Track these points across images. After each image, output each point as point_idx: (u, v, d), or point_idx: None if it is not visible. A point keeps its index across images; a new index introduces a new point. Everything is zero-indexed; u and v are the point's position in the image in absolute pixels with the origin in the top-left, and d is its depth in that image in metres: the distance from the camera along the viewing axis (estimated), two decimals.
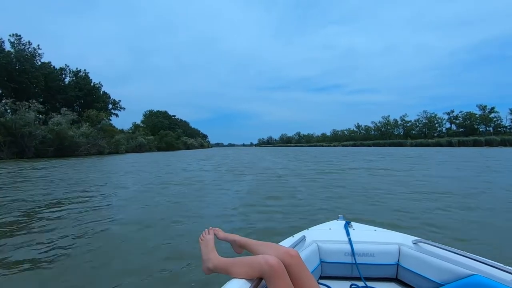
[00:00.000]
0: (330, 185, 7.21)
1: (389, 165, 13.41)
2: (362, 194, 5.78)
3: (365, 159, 18.66)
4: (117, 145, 40.63)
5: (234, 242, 1.37)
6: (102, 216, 4.33)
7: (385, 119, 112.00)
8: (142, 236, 3.36)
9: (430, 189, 6.36)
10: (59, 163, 18.70)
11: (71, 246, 3.05)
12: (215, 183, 8.11)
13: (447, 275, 1.30)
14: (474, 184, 7.06)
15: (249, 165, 14.95)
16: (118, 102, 70.60)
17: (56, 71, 51.75)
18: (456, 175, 9.09)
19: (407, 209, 4.46)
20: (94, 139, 36.14)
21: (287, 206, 4.82)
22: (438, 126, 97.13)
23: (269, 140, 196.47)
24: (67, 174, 11.01)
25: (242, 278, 1.07)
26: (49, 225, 3.86)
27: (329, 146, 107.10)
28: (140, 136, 52.27)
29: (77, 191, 6.71)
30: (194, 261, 2.51)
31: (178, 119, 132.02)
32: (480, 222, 3.73)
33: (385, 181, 7.89)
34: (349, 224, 1.76)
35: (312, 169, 12.07)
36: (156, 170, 12.75)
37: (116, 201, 5.53)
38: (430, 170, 11.02)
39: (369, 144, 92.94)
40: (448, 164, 13.85)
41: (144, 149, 52.11)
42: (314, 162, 16.59)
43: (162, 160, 22.84)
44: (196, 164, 16.69)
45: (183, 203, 5.24)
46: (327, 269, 1.57)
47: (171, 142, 66.56)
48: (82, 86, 52.91)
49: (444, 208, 4.50)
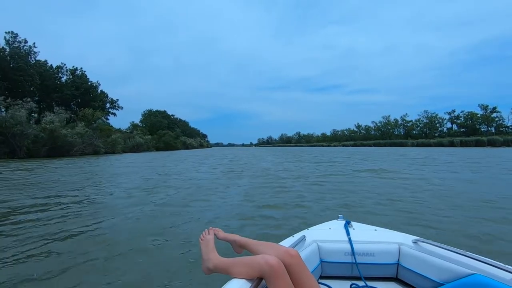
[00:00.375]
0: (338, 189, 6.34)
1: (396, 167, 12.53)
2: (379, 202, 4.90)
3: (368, 160, 17.81)
4: (113, 145, 39.73)
5: (234, 242, 1.37)
6: (59, 228, 3.46)
7: (385, 119, 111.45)
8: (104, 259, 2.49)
9: (458, 195, 5.49)
10: (48, 164, 17.80)
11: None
12: (209, 187, 7.23)
13: (447, 274, 1.29)
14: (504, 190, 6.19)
15: (246, 167, 14.07)
16: (116, 101, 69.78)
17: (53, 69, 50.89)
18: (478, 179, 8.22)
19: (451, 222, 3.61)
20: (89, 138, 35.22)
21: (290, 216, 3.99)
22: (439, 126, 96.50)
23: (269, 140, 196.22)
24: (44, 177, 10.11)
25: (242, 278, 1.06)
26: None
27: (329, 146, 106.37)
28: (137, 135, 51.28)
29: (40, 197, 5.83)
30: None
31: (177, 118, 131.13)
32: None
33: (397, 185, 7.01)
34: (349, 223, 1.74)
35: (316, 170, 11.20)
36: (148, 172, 11.88)
37: (86, 209, 4.64)
38: (441, 172, 10.15)
39: (370, 144, 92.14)
40: (457, 165, 12.97)
41: (141, 149, 51.22)
42: (317, 163, 15.72)
43: (159, 160, 21.97)
44: (192, 165, 15.82)
45: (163, 216, 4.36)
46: (327, 268, 1.56)
47: (169, 142, 65.67)
48: (79, 85, 51.96)
49: (498, 220, 3.65)
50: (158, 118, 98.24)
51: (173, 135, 72.49)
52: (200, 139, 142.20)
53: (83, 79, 53.98)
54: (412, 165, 13.29)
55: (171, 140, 67.13)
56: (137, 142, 49.55)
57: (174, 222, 3.90)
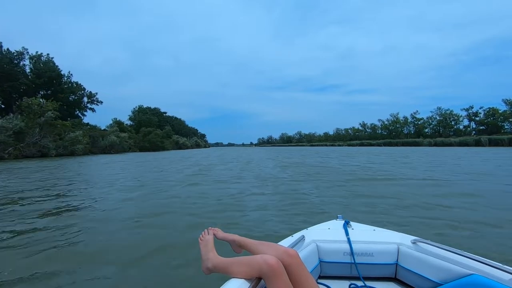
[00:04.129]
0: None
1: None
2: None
3: (436, 165, 9.61)
4: (72, 145, 31.34)
5: (234, 242, 1.36)
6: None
7: (393, 117, 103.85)
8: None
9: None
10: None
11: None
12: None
13: (446, 274, 1.28)
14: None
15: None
16: (94, 94, 61.38)
17: (10, 54, 42.48)
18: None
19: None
20: (33, 136, 26.82)
21: None
22: (455, 123, 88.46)
23: (269, 140, 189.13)
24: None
25: (242, 277, 1.06)
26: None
27: (333, 145, 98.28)
28: (112, 133, 42.72)
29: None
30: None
31: (172, 117, 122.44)
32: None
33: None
34: (348, 223, 1.74)
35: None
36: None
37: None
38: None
39: (380, 143, 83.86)
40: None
41: (117, 149, 42.78)
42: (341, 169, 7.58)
43: (116, 165, 13.64)
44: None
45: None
46: (326, 268, 1.57)
47: (155, 141, 57.09)
48: (41, 73, 43.51)
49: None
50: (147, 115, 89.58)
51: (160, 134, 63.75)
52: (197, 138, 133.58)
53: (48, 67, 45.46)
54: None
55: (157, 139, 58.45)
56: (110, 141, 41.07)
57: None
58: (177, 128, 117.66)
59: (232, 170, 11.61)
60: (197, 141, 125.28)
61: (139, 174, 11.15)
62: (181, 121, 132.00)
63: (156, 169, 13.21)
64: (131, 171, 12.35)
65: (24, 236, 3.35)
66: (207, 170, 11.80)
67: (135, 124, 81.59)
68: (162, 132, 72.89)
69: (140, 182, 8.27)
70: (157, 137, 59.27)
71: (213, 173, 10.50)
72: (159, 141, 59.40)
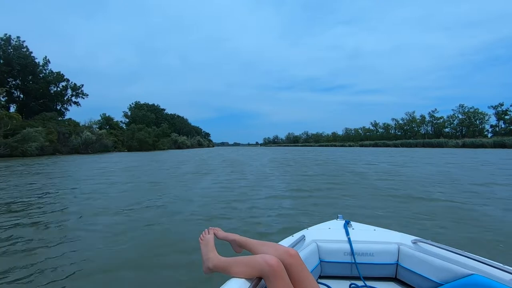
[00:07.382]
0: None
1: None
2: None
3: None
4: (24, 143, 25.03)
5: (234, 241, 1.35)
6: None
7: (409, 116, 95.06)
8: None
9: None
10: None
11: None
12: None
13: (447, 274, 1.29)
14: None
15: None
16: (79, 87, 55.35)
17: None
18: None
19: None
20: None
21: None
22: (480, 123, 79.38)
23: (275, 140, 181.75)
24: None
25: (242, 277, 1.06)
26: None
27: (343, 146, 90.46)
28: (86, 130, 36.34)
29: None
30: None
31: (174, 114, 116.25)
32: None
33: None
34: (349, 223, 1.73)
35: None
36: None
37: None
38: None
39: (397, 144, 75.78)
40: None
41: (95, 148, 36.49)
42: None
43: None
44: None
45: None
46: (326, 268, 1.56)
47: (145, 140, 50.62)
48: (9, 59, 37.56)
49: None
50: (143, 112, 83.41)
51: (152, 132, 57.30)
52: (200, 137, 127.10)
53: (18, 52, 39.48)
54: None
55: (147, 137, 51.95)
56: (85, 139, 34.72)
57: None
58: (179, 126, 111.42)
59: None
60: (199, 140, 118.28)
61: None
62: (183, 119, 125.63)
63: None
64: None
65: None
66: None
67: (129, 121, 75.72)
68: (158, 129, 66.56)
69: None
70: (148, 135, 52.78)
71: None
72: (151, 139, 52.91)
